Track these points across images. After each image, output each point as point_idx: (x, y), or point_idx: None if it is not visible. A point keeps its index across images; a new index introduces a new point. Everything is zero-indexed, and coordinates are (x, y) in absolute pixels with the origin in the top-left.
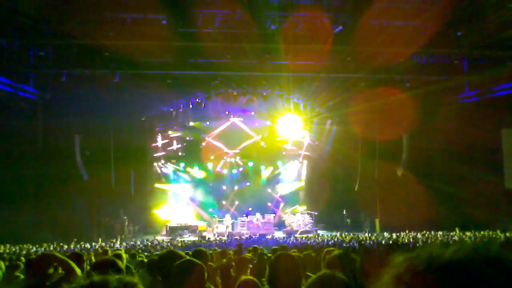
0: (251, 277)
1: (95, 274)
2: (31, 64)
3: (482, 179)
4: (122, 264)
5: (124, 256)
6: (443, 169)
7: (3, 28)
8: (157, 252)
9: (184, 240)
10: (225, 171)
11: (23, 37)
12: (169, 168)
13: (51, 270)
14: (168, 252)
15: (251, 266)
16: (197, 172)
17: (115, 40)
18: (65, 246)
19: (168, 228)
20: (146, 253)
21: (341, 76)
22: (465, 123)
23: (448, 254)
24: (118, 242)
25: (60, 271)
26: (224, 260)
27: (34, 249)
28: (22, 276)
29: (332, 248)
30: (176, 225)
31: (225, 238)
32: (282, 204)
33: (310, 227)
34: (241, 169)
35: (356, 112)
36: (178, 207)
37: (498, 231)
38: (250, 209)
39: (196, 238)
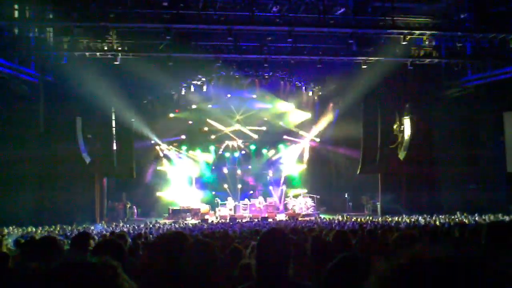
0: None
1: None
2: (32, 46)
3: (484, 162)
4: (125, 246)
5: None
6: (445, 153)
7: (4, 10)
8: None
9: (187, 223)
10: (227, 154)
11: (23, 19)
12: (171, 151)
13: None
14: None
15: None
16: (199, 155)
17: (116, 22)
18: (68, 228)
19: (170, 211)
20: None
21: (343, 59)
22: (468, 106)
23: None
24: (121, 225)
25: None
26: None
27: (38, 231)
28: None
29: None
30: (178, 208)
31: (227, 221)
32: (284, 188)
33: (312, 210)
34: (243, 152)
35: (357, 95)
36: (181, 190)
37: (500, 215)
38: (251, 192)
39: (198, 221)
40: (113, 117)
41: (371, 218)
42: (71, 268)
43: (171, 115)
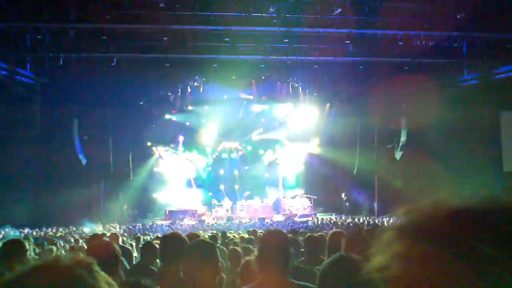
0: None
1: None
2: (28, 48)
3: (481, 162)
4: (115, 245)
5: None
6: (441, 152)
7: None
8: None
9: (183, 224)
10: (224, 155)
11: (20, 21)
12: (168, 152)
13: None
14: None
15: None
16: (196, 156)
17: (112, 23)
18: (64, 231)
19: (167, 212)
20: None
21: (339, 60)
22: (464, 106)
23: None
24: (117, 226)
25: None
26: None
27: (35, 233)
28: None
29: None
30: (175, 209)
31: (224, 221)
32: (281, 188)
33: (309, 210)
34: (240, 153)
35: (354, 95)
36: (177, 191)
37: None
38: (248, 193)
39: (195, 222)
40: (109, 119)
41: (367, 218)
42: (42, 267)
43: (168, 116)
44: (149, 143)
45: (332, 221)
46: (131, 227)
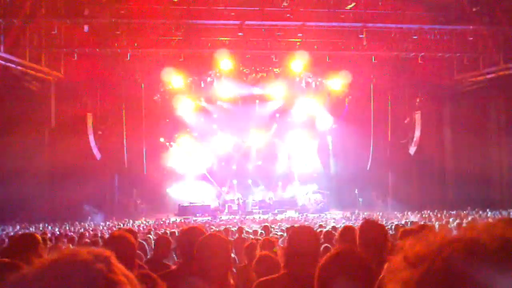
0: (268, 252)
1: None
2: (43, 43)
3: (496, 156)
4: (133, 239)
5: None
6: (456, 147)
7: (15, 7)
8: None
9: (196, 219)
10: (237, 150)
11: (34, 17)
12: (181, 147)
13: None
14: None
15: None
16: (209, 151)
17: (126, 19)
18: (79, 226)
19: (180, 207)
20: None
21: (354, 54)
22: (479, 100)
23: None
24: (131, 221)
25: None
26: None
27: (50, 228)
28: None
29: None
30: (188, 204)
31: (236, 217)
32: (294, 183)
33: (322, 206)
34: (253, 148)
35: (368, 90)
36: (190, 186)
37: None
38: (261, 187)
39: (208, 218)
40: (123, 113)
41: (381, 214)
42: (59, 261)
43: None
44: (162, 138)
45: (346, 216)
46: (144, 221)
